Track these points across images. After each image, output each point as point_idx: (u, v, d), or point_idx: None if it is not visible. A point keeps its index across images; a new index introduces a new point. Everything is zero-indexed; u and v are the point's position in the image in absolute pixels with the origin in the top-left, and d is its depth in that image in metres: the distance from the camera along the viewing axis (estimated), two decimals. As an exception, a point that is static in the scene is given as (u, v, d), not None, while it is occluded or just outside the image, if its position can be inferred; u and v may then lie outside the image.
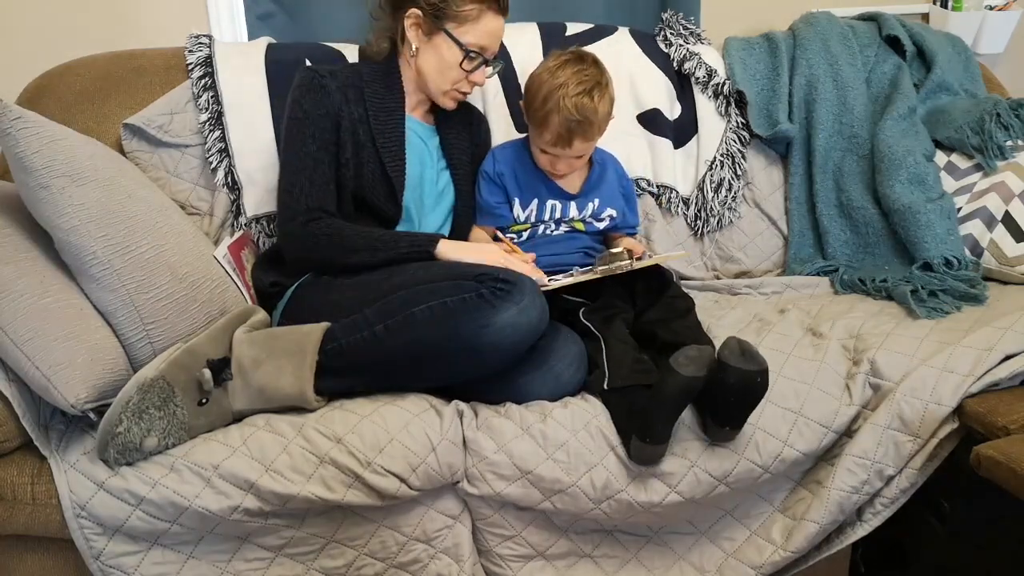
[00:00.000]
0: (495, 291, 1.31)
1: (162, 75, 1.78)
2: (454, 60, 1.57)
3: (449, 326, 1.30)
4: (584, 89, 1.54)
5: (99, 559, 1.26)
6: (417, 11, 1.57)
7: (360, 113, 1.58)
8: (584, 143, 1.59)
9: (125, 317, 1.33)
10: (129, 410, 1.22)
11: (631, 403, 1.33)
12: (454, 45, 1.56)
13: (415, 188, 1.63)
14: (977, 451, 1.22)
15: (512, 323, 1.30)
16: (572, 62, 1.59)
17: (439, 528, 1.35)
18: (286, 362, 1.35)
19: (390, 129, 1.59)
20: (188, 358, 1.30)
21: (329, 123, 1.55)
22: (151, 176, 1.69)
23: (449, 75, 1.59)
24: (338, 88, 1.57)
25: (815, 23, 2.02)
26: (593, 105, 1.55)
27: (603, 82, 1.58)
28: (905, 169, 1.82)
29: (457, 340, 1.30)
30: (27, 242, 1.32)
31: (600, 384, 1.39)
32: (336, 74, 1.59)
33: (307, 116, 1.54)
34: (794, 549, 1.38)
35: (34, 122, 1.28)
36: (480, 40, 1.57)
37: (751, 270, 1.96)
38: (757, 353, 1.27)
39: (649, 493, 1.34)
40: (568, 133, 1.56)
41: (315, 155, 1.53)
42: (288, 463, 1.27)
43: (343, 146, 1.56)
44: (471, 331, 1.29)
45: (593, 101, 1.55)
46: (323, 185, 1.53)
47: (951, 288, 1.65)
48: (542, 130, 1.58)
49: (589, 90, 1.55)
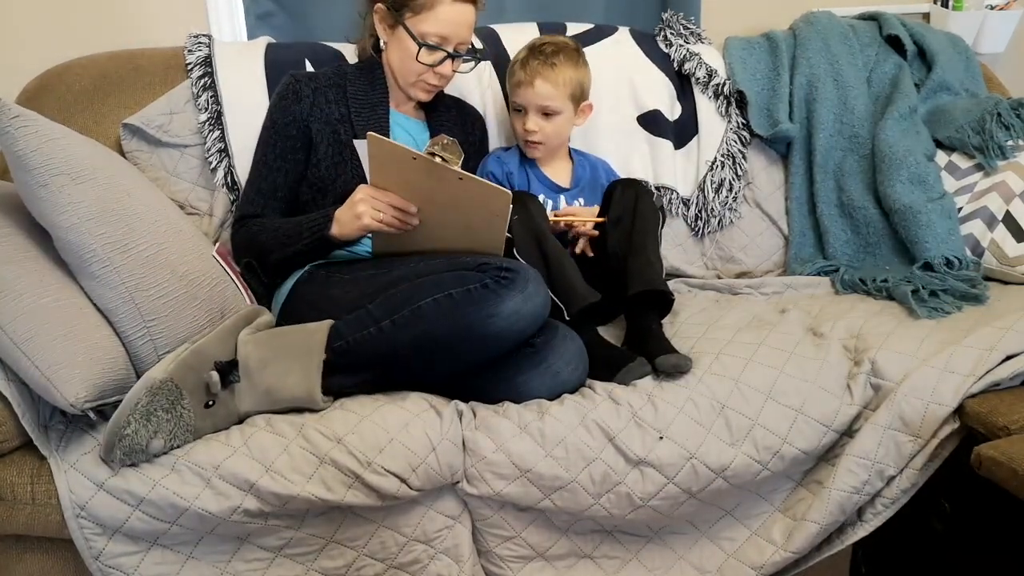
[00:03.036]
0: (499, 280, 1.31)
1: (161, 75, 1.78)
2: (413, 52, 1.56)
3: (456, 317, 1.30)
4: (547, 39, 1.71)
5: (99, 559, 1.26)
6: (381, 5, 1.59)
7: (343, 112, 1.59)
8: (546, 84, 1.65)
9: (125, 314, 1.32)
10: (137, 412, 1.22)
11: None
12: (409, 36, 1.56)
13: None
14: (978, 451, 1.22)
15: (517, 311, 1.30)
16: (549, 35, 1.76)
17: (439, 529, 1.35)
18: (293, 363, 1.34)
19: (372, 124, 1.60)
20: (196, 359, 1.30)
21: (294, 130, 1.59)
22: (150, 176, 1.69)
23: (411, 67, 1.58)
24: (316, 91, 1.60)
25: (816, 23, 2.02)
26: (553, 44, 1.68)
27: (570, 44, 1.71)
28: (906, 169, 1.82)
29: (464, 331, 1.30)
30: (27, 241, 1.32)
31: (561, 316, 1.46)
32: (317, 78, 1.63)
33: (273, 125, 1.61)
34: (795, 549, 1.38)
35: (33, 121, 1.28)
36: (440, 29, 1.55)
37: (752, 270, 1.96)
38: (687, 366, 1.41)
39: (647, 484, 1.34)
40: (532, 73, 1.65)
41: (270, 163, 1.59)
42: (288, 463, 1.27)
43: (316, 147, 1.59)
44: (478, 321, 1.30)
45: (556, 43, 1.69)
46: (267, 192, 1.60)
47: (952, 288, 1.65)
48: (513, 85, 1.70)
49: (552, 39, 1.72)
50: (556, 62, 1.66)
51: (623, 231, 1.58)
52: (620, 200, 1.62)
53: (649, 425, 1.34)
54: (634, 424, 1.34)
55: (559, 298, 1.47)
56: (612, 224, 1.61)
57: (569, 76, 1.67)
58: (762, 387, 1.39)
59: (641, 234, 1.56)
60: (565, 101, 1.68)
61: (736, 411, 1.37)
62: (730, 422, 1.36)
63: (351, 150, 1.58)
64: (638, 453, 1.33)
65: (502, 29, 1.94)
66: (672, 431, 1.34)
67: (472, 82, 1.86)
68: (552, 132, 1.69)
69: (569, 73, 1.67)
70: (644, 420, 1.35)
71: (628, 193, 1.62)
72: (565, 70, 1.67)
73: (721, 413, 1.37)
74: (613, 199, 1.63)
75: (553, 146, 1.73)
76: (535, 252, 1.52)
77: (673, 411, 1.36)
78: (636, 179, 1.72)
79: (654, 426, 1.34)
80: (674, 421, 1.35)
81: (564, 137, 1.75)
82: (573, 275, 1.50)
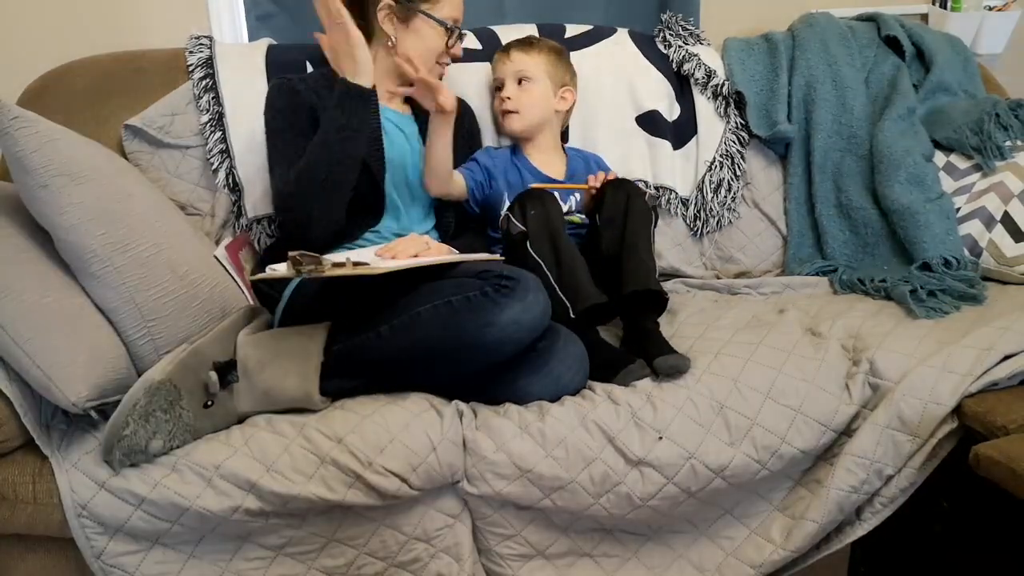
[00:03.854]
0: (499, 288, 1.31)
1: (163, 76, 1.79)
2: (438, 38, 1.64)
3: (454, 325, 1.30)
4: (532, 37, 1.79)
5: (100, 558, 1.26)
6: (388, 2, 1.61)
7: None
8: (520, 55, 1.74)
9: (126, 314, 1.33)
10: (136, 413, 1.22)
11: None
12: (435, 24, 1.63)
13: (399, 178, 1.64)
14: (976, 451, 1.22)
15: (516, 320, 1.30)
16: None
17: (439, 527, 1.35)
18: (291, 364, 1.35)
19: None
20: (194, 360, 1.30)
21: (304, 114, 1.58)
22: (151, 177, 1.69)
23: (434, 54, 1.66)
24: (308, 90, 1.60)
25: (814, 24, 2.02)
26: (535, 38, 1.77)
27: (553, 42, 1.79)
28: (904, 169, 1.82)
29: (462, 338, 1.30)
30: (27, 242, 1.33)
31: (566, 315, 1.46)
32: (305, 79, 1.64)
33: (280, 112, 1.59)
34: (793, 548, 1.38)
35: (32, 121, 1.28)
36: (453, 12, 1.66)
37: (750, 270, 1.96)
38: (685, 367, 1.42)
39: (646, 484, 1.34)
40: (508, 48, 1.76)
41: (292, 141, 1.56)
42: (289, 463, 1.27)
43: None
44: (476, 329, 1.29)
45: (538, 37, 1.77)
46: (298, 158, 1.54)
47: (950, 288, 1.65)
48: (494, 66, 1.78)
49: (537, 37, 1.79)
50: (533, 43, 1.78)
51: (615, 231, 1.59)
52: (612, 201, 1.62)
53: (648, 425, 1.35)
54: (633, 424, 1.35)
55: (566, 296, 1.47)
56: (604, 225, 1.61)
57: (545, 56, 1.76)
58: (761, 387, 1.40)
59: (633, 234, 1.57)
60: (540, 73, 1.74)
61: (735, 411, 1.37)
62: (729, 422, 1.37)
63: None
64: (637, 453, 1.34)
65: (502, 30, 1.95)
66: (671, 431, 1.35)
67: (472, 82, 1.86)
68: (527, 102, 1.74)
69: (545, 54, 1.76)
70: (643, 420, 1.35)
71: (620, 194, 1.62)
72: (542, 50, 1.76)
73: (720, 413, 1.37)
74: (605, 200, 1.63)
75: (531, 121, 1.75)
76: (549, 248, 1.53)
77: (672, 411, 1.36)
78: (627, 179, 1.72)
79: (653, 426, 1.35)
80: (673, 421, 1.35)
81: (542, 114, 1.76)
82: (583, 275, 1.50)
